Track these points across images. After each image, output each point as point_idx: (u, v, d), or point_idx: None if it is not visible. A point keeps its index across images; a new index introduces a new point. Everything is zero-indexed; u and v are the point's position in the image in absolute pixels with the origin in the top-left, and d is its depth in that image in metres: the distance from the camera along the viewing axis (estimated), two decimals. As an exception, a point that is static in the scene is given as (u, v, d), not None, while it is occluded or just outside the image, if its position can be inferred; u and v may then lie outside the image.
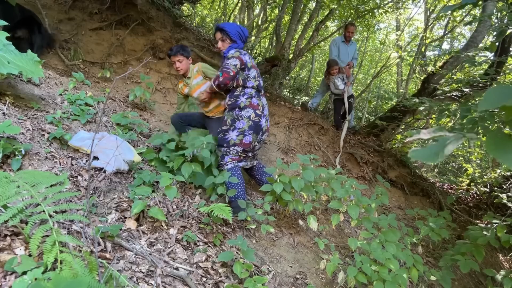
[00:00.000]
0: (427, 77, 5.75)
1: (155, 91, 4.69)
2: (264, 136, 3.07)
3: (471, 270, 2.97)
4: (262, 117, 2.97)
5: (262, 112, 2.98)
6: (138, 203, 2.21)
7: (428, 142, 2.02)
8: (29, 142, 2.52)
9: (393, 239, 2.57)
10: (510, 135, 0.70)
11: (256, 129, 2.94)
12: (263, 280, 2.08)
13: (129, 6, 4.68)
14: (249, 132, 2.90)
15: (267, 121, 3.06)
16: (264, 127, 3.00)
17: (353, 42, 5.94)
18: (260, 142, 3.08)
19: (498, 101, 0.66)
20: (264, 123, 3.00)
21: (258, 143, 3.04)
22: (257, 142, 3.01)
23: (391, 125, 5.75)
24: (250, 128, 2.91)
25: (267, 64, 6.53)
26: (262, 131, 3.00)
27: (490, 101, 0.67)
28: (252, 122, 2.91)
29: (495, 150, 0.69)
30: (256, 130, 2.93)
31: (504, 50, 4.61)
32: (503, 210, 4.32)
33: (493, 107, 0.66)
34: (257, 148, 3.10)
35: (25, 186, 1.59)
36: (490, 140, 0.71)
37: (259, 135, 2.97)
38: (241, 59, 2.90)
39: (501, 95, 0.66)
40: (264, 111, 3.02)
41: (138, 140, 3.42)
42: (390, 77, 14.21)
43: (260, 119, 2.95)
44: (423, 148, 0.76)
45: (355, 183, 2.97)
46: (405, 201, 4.95)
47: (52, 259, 1.41)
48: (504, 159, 0.67)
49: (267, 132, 3.09)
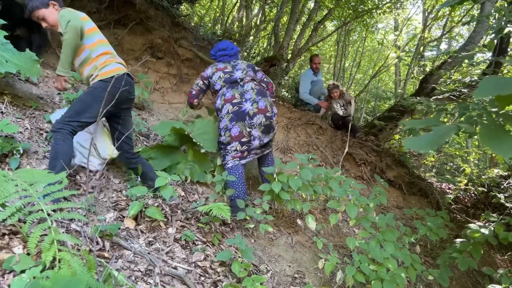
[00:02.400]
0: (425, 77, 5.78)
1: (154, 91, 4.69)
2: (257, 119, 2.95)
3: (469, 270, 2.99)
4: (243, 103, 2.96)
5: (242, 98, 2.98)
6: (135, 204, 2.20)
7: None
8: (27, 141, 2.51)
9: (391, 238, 2.57)
10: (504, 126, 0.71)
11: (239, 117, 2.93)
12: (262, 279, 2.08)
13: (127, 6, 4.67)
14: (231, 124, 2.93)
15: (256, 103, 2.97)
16: (249, 111, 2.94)
17: (320, 72, 5.90)
18: (260, 126, 2.98)
19: (493, 90, 0.66)
20: (248, 106, 2.95)
21: (252, 128, 2.96)
22: (251, 127, 2.95)
23: (389, 125, 5.76)
24: (232, 120, 2.93)
25: (265, 64, 6.54)
26: (249, 115, 2.94)
27: (485, 90, 0.67)
28: (232, 113, 2.94)
29: (489, 141, 0.69)
30: (239, 118, 2.93)
31: (502, 50, 4.63)
32: (500, 210, 4.34)
33: (487, 96, 0.67)
34: (256, 135, 2.99)
35: (23, 185, 1.59)
36: (484, 131, 0.71)
37: (246, 120, 2.94)
38: (202, 76, 3.23)
39: (496, 85, 0.67)
40: (245, 96, 3.00)
41: (137, 140, 3.41)
42: (388, 77, 14.23)
43: (241, 106, 2.95)
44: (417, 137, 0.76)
45: (353, 183, 2.97)
46: (403, 201, 4.97)
47: (50, 258, 1.41)
48: (499, 149, 0.67)
49: (260, 113, 2.96)
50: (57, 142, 2.12)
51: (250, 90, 3.04)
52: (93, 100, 2.26)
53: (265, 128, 3.00)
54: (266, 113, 2.98)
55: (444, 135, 0.74)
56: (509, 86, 0.64)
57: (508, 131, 0.70)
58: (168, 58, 4.95)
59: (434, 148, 0.72)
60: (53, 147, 2.12)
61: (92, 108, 2.26)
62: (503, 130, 0.71)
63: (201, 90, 3.25)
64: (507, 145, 0.67)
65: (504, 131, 0.70)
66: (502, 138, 0.69)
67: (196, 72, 5.09)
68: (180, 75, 4.98)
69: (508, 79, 0.67)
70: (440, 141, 0.72)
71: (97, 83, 2.31)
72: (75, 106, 2.26)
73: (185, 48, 5.02)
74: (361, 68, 13.22)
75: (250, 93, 3.02)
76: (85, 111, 2.25)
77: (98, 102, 2.19)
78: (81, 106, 2.25)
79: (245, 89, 3.05)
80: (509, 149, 0.67)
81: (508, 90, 0.64)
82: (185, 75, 5.02)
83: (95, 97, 2.26)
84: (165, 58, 4.95)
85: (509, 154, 0.66)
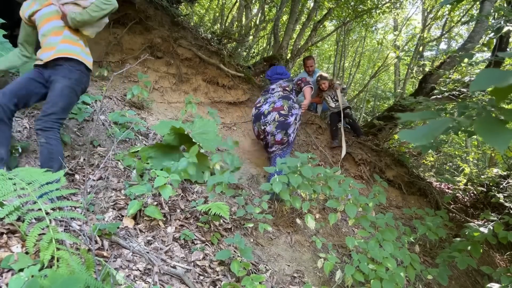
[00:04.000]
0: (424, 76, 5.77)
1: (153, 90, 4.68)
2: (270, 116, 3.37)
3: (468, 269, 2.99)
4: (262, 105, 3.49)
5: (264, 102, 3.49)
6: (134, 203, 2.20)
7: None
8: (26, 140, 2.51)
9: (390, 238, 2.57)
10: (500, 119, 0.71)
11: (257, 118, 3.49)
12: (261, 278, 2.08)
13: (126, 5, 4.66)
14: (253, 126, 3.59)
15: (273, 103, 3.43)
16: (265, 110, 3.43)
17: (316, 70, 5.78)
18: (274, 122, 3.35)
19: (489, 83, 0.66)
20: (266, 107, 3.45)
21: (267, 125, 3.39)
22: (265, 125, 3.40)
23: (389, 125, 5.76)
24: (253, 122, 3.58)
25: (265, 63, 6.53)
26: (264, 114, 3.42)
27: (481, 83, 0.67)
28: (253, 115, 3.54)
29: (485, 134, 0.69)
30: (256, 119, 3.49)
31: (501, 50, 4.63)
32: (499, 210, 4.34)
33: (484, 88, 0.66)
34: (269, 130, 3.39)
35: (21, 184, 1.58)
36: (480, 124, 0.71)
37: (261, 119, 3.43)
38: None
39: (492, 77, 0.66)
40: (268, 100, 3.49)
41: (136, 139, 3.41)
42: (387, 77, 14.23)
43: (260, 108, 3.49)
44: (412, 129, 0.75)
45: (352, 182, 2.97)
46: (402, 200, 4.97)
47: (48, 257, 1.41)
48: (495, 142, 0.67)
49: (274, 111, 3.38)
50: (50, 142, 2.12)
51: (276, 94, 3.50)
52: (74, 95, 2.30)
53: (279, 124, 3.34)
54: (281, 110, 3.36)
55: (439, 127, 0.74)
56: (506, 78, 0.63)
57: (504, 124, 0.70)
58: (168, 58, 4.93)
59: (429, 140, 0.71)
60: (47, 147, 2.11)
61: (73, 103, 2.32)
62: (499, 123, 0.71)
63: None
64: (503, 138, 0.67)
65: (499, 124, 0.70)
66: (498, 131, 0.69)
67: (195, 72, 5.08)
68: (179, 75, 4.97)
69: (505, 71, 0.67)
70: (435, 133, 0.72)
71: (78, 73, 2.31)
72: (62, 102, 2.22)
73: (184, 47, 5.00)
74: (360, 68, 13.21)
75: (272, 97, 3.47)
76: (69, 107, 2.30)
77: (76, 96, 2.30)
78: (67, 103, 2.26)
79: (271, 95, 3.57)
80: (504, 141, 0.66)
81: (504, 82, 0.64)
82: (185, 74, 5.01)
83: (75, 92, 2.30)
84: (164, 58, 4.93)
85: (505, 147, 0.66)
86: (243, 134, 4.87)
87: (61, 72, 2.24)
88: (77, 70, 2.30)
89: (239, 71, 5.42)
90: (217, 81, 5.20)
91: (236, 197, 3.06)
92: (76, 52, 2.32)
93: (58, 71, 2.24)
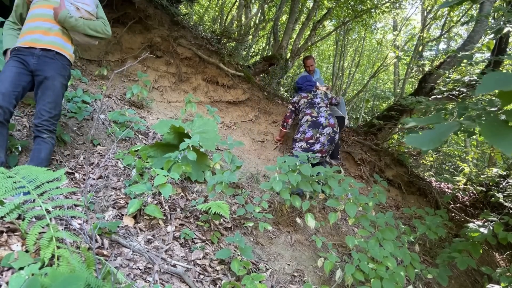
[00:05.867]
0: (424, 76, 5.77)
1: (153, 89, 4.67)
2: (327, 130, 3.87)
3: (467, 269, 2.99)
4: (319, 118, 3.96)
5: (319, 115, 3.99)
6: (134, 202, 2.20)
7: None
8: (26, 139, 2.51)
9: (390, 237, 2.57)
10: (506, 122, 0.70)
11: (315, 126, 3.91)
12: (261, 277, 2.08)
13: (126, 4, 4.65)
14: (308, 130, 3.93)
15: (327, 119, 3.94)
16: (323, 123, 3.90)
17: (316, 70, 5.77)
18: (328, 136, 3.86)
19: (495, 86, 0.66)
20: (323, 120, 3.92)
21: (322, 135, 3.86)
22: (321, 135, 3.86)
23: (388, 125, 5.76)
24: (310, 127, 3.94)
25: (264, 63, 6.53)
26: (323, 126, 3.89)
27: (487, 86, 0.67)
28: (310, 122, 3.95)
29: (491, 137, 0.69)
30: (315, 126, 3.90)
31: (501, 50, 4.63)
32: (499, 209, 4.35)
33: (490, 91, 0.66)
34: (322, 141, 3.86)
35: (21, 182, 1.58)
36: (486, 127, 0.71)
37: (319, 129, 3.88)
38: (292, 103, 4.42)
39: (498, 81, 0.66)
40: (320, 114, 4.00)
41: (136, 138, 3.40)
42: (387, 77, 14.24)
43: (317, 118, 3.95)
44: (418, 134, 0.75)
45: (352, 182, 2.98)
46: (402, 200, 4.97)
47: (49, 255, 1.40)
48: (501, 145, 0.67)
49: (330, 127, 3.89)
50: (53, 142, 2.17)
51: (324, 111, 4.06)
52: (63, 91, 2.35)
53: (330, 138, 3.89)
54: (334, 127, 3.93)
55: (446, 132, 0.74)
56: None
57: (510, 127, 0.70)
58: (167, 57, 4.93)
59: (436, 145, 0.72)
60: (49, 147, 2.17)
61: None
62: (505, 126, 0.70)
63: (292, 112, 4.43)
64: (508, 141, 0.67)
65: (506, 127, 0.70)
66: (504, 134, 0.68)
67: (195, 71, 5.08)
68: (179, 74, 4.96)
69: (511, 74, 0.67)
70: (442, 138, 0.72)
71: (69, 71, 2.35)
72: (61, 101, 2.25)
73: (184, 47, 5.00)
74: (360, 68, 13.21)
75: (324, 113, 4.03)
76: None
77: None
78: (60, 101, 2.28)
79: (321, 110, 4.07)
80: (510, 144, 0.66)
81: (511, 86, 0.64)
82: (184, 73, 5.00)
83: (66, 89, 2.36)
84: (164, 57, 4.93)
85: (511, 150, 0.65)
86: (243, 134, 4.87)
87: (55, 67, 2.22)
88: (68, 67, 2.33)
89: (239, 70, 5.41)
90: (217, 80, 5.20)
91: (236, 196, 3.05)
92: (68, 50, 2.34)
93: (51, 65, 2.20)
